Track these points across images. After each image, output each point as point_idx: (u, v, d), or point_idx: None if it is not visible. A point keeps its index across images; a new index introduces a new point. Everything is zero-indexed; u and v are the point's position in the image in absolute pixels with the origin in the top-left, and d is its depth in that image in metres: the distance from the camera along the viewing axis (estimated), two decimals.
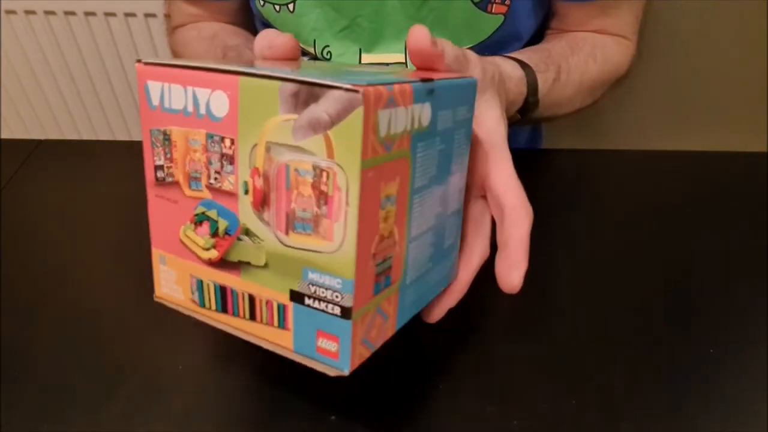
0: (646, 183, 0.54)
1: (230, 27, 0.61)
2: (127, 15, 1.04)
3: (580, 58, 0.51)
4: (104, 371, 0.37)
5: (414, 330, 0.38)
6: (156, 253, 0.27)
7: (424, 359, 0.37)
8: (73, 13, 1.05)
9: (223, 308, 0.26)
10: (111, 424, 0.34)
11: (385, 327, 0.25)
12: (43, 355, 0.38)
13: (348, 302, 0.22)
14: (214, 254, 0.25)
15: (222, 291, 0.26)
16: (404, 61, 0.54)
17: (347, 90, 0.20)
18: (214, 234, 0.25)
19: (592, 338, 0.39)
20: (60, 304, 0.42)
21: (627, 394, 0.35)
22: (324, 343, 0.23)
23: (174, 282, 0.27)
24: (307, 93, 0.21)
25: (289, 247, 0.23)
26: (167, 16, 0.63)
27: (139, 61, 0.25)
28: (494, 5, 0.51)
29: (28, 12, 1.06)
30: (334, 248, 0.22)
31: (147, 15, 1.04)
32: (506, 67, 0.43)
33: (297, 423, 0.34)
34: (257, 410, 0.35)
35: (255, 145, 0.23)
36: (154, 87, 0.25)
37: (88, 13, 1.05)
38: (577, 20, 0.55)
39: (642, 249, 0.46)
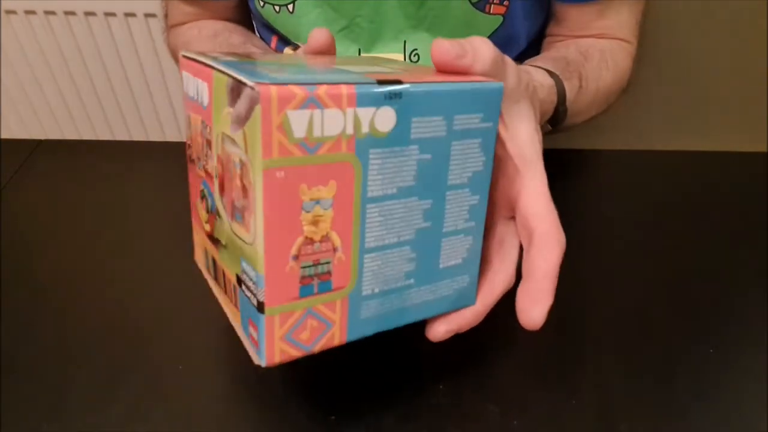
0: (646, 183, 0.54)
1: (230, 25, 0.61)
2: (127, 15, 1.05)
3: (594, 65, 0.50)
4: (104, 371, 0.37)
5: (414, 330, 0.38)
6: (194, 222, 0.31)
7: (424, 359, 0.37)
8: (73, 13, 1.05)
9: (215, 278, 0.28)
10: (111, 424, 0.34)
11: (328, 332, 0.26)
12: (43, 354, 0.38)
13: (261, 296, 0.23)
14: (208, 228, 0.28)
15: (214, 262, 0.28)
16: (403, 61, 0.54)
17: (251, 88, 0.21)
18: (208, 210, 0.27)
19: (592, 338, 0.39)
20: (60, 304, 0.42)
21: (627, 394, 0.35)
22: (251, 330, 0.25)
23: (198, 247, 0.31)
24: (237, 88, 0.22)
25: (233, 233, 0.25)
26: (167, 16, 0.63)
27: (183, 55, 0.28)
28: (492, 6, 0.51)
29: (28, 12, 1.06)
30: (251, 240, 0.23)
31: (147, 15, 1.04)
32: (538, 76, 0.42)
33: (297, 423, 0.34)
34: (257, 410, 0.35)
35: (219, 133, 0.24)
36: (186, 77, 0.27)
37: (88, 13, 1.05)
38: (578, 24, 0.54)
39: (642, 249, 0.46)
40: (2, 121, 1.23)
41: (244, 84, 0.21)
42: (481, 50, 0.26)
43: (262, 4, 0.54)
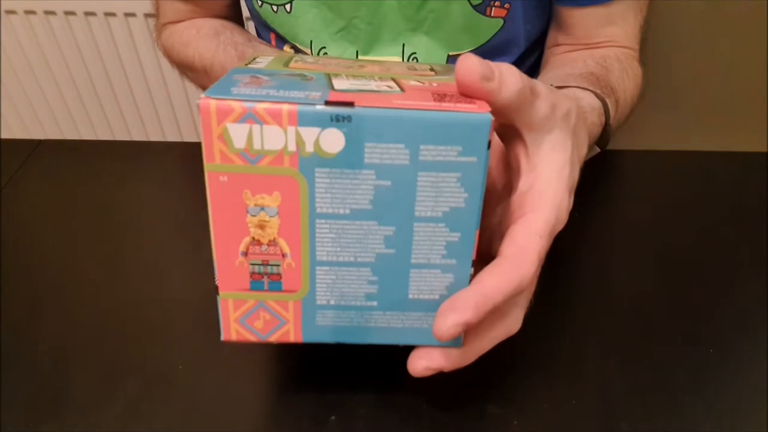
0: (646, 183, 0.54)
1: (228, 23, 0.60)
2: (127, 15, 1.05)
3: (617, 76, 0.49)
4: (104, 371, 0.37)
5: None
6: None
7: None
8: (73, 13, 1.05)
9: None
10: (111, 424, 0.34)
11: (282, 327, 0.28)
12: (43, 355, 0.38)
13: (216, 281, 0.27)
14: None
15: None
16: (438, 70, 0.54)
17: (200, 98, 0.23)
18: None
19: (592, 338, 0.39)
20: (60, 304, 0.42)
21: (627, 394, 0.35)
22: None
23: None
24: None
25: None
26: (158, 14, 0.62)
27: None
28: (493, 8, 0.50)
29: (28, 12, 1.06)
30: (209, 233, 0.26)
31: (147, 15, 1.04)
32: (588, 99, 0.40)
33: (297, 423, 0.34)
34: (257, 410, 0.35)
35: None
36: None
37: (88, 13, 1.05)
38: (585, 30, 0.53)
39: (641, 248, 0.46)
40: (2, 121, 1.23)
41: (201, 95, 0.23)
42: (507, 77, 0.24)
43: (260, 3, 0.54)
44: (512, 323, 0.28)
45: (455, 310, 0.24)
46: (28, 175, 0.55)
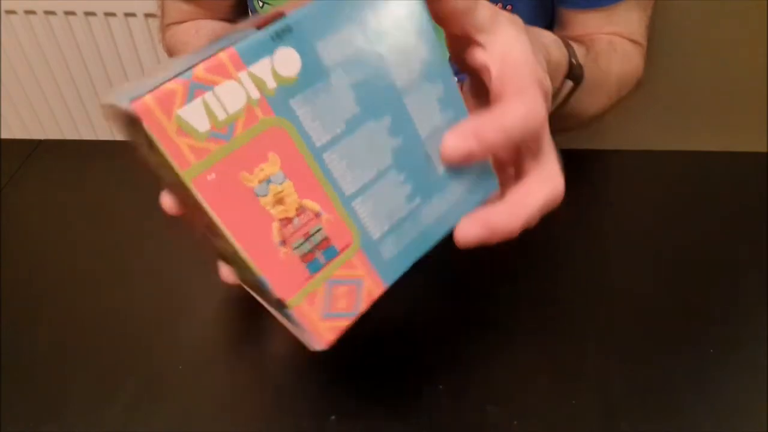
0: (646, 183, 0.54)
1: (228, 25, 0.60)
2: (127, 15, 1.05)
3: (603, 48, 0.48)
4: (104, 371, 0.37)
5: (414, 330, 0.38)
6: None
7: (424, 359, 0.37)
8: (73, 13, 1.05)
9: (251, 286, 0.27)
10: (111, 424, 0.34)
11: (362, 288, 0.25)
12: (43, 355, 0.38)
13: (275, 294, 0.23)
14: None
15: None
16: None
17: (125, 108, 0.19)
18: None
19: (592, 338, 0.39)
20: (60, 305, 0.42)
21: (627, 394, 0.35)
22: (292, 325, 0.24)
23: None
24: (123, 116, 0.20)
25: (223, 250, 0.24)
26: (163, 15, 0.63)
27: None
28: None
29: (28, 12, 1.06)
30: (233, 251, 0.22)
31: (147, 15, 1.04)
32: (543, 31, 0.39)
33: (297, 423, 0.34)
34: (257, 410, 0.35)
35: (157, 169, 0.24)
36: None
37: (88, 13, 1.05)
38: (585, 30, 0.52)
39: (641, 249, 0.46)
40: (2, 121, 1.23)
41: (121, 108, 0.19)
42: None
43: (261, 4, 0.54)
44: (552, 175, 0.28)
45: (483, 226, 0.25)
46: (28, 175, 0.55)
